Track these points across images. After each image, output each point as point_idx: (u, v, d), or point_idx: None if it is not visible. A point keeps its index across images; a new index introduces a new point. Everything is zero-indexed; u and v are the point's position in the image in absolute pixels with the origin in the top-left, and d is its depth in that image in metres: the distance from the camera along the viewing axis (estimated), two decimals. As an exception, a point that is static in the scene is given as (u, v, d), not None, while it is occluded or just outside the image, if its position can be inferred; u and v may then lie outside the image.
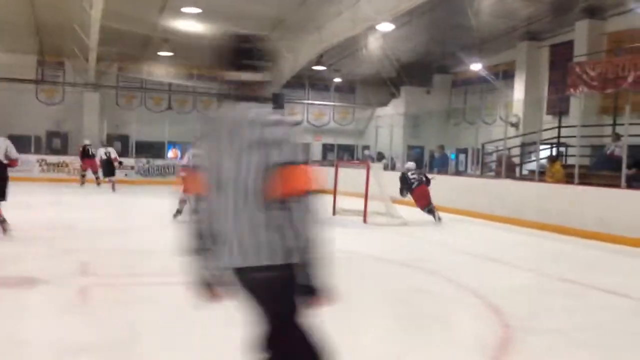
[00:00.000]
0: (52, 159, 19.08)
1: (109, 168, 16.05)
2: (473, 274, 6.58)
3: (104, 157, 16.32)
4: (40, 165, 18.77)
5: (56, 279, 5.22)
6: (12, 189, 14.72)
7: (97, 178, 16.83)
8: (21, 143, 19.72)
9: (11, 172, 16.79)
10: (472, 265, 7.23)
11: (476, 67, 18.32)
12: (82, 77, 21.08)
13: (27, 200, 12.26)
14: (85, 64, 19.85)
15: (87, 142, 17.37)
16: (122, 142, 22.06)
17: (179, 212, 8.97)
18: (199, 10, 14.04)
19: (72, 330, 3.87)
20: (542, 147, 13.49)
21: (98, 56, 18.97)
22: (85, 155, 17.06)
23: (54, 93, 21.59)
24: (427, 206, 11.28)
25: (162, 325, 4.09)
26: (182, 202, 9.14)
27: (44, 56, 21.04)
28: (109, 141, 20.99)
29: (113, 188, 15.54)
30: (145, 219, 10.60)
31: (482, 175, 15.33)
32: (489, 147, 16.88)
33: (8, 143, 7.98)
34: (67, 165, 18.77)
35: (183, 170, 10.43)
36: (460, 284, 5.93)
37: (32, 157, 18.74)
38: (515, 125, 16.26)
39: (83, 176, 17.24)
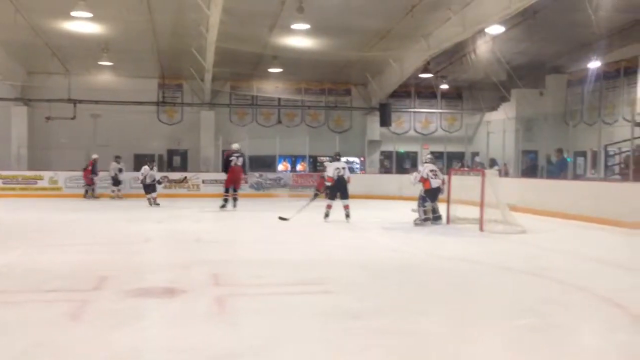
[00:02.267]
0: (174, 175, 20.26)
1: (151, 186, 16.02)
2: (606, 282, 6.24)
3: (117, 172, 18.20)
4: (163, 182, 19.95)
5: (193, 289, 5.55)
6: (140, 204, 15.82)
7: (93, 190, 18.28)
8: (146, 161, 21.25)
9: (139, 189, 18.12)
10: (603, 274, 6.85)
11: (594, 64, 17.38)
12: (199, 97, 22.31)
13: (156, 215, 13.15)
14: (201, 84, 20.99)
15: (95, 156, 18.54)
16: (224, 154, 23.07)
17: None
18: (307, 26, 14.41)
19: (215, 338, 4.10)
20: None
21: (213, 76, 20.00)
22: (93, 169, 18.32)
23: (173, 113, 23.00)
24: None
25: (298, 333, 4.24)
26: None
27: (164, 79, 22.50)
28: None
29: (154, 202, 15.77)
30: (262, 231, 11.02)
31: (605, 178, 14.48)
32: (611, 149, 15.95)
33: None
34: (187, 181, 19.84)
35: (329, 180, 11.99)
36: (593, 293, 5.65)
37: (158, 175, 19.94)
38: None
39: (87, 191, 18.38)
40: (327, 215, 11.92)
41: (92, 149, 20.38)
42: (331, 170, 12.06)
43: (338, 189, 12.04)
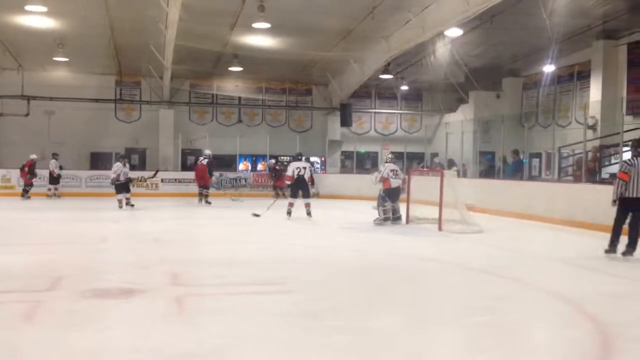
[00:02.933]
0: (132, 174, 19.84)
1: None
2: (561, 280, 6.44)
3: (55, 169, 17.86)
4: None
5: (151, 289, 5.47)
6: (97, 203, 15.52)
7: (27, 192, 17.50)
8: (102, 160, 20.86)
9: (98, 188, 17.89)
10: (558, 272, 7.05)
11: (549, 68, 17.83)
12: (158, 95, 21.95)
13: (113, 215, 12.91)
14: (160, 82, 20.67)
15: (33, 156, 17.85)
16: (195, 157, 22.82)
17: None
18: (268, 25, 14.34)
19: (175, 339, 4.05)
20: (624, 149, 12.99)
21: (172, 74, 19.72)
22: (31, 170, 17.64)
23: (131, 111, 22.56)
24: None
25: (258, 333, 4.23)
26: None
27: (121, 76, 22.06)
28: (184, 156, 21.84)
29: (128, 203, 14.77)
30: (222, 230, 10.95)
31: (559, 179, 14.89)
32: (565, 151, 16.40)
33: None
34: (145, 181, 19.51)
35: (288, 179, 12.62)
36: (548, 290, 5.81)
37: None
38: (592, 127, 15.72)
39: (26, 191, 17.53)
40: (289, 212, 12.28)
41: (47, 146, 19.85)
42: (291, 169, 12.52)
43: (299, 188, 12.45)
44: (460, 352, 4.00)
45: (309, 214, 12.17)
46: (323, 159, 23.47)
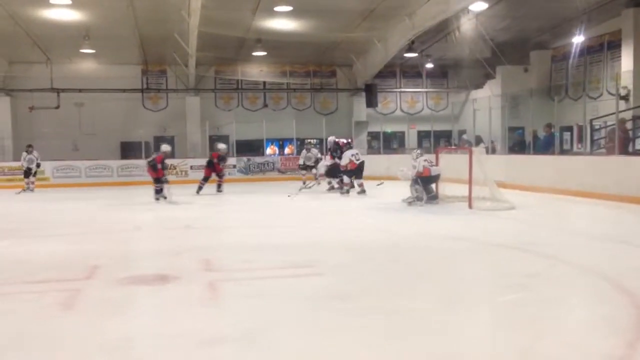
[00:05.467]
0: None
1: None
2: (594, 256, 6.34)
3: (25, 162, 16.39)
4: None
5: (185, 275, 5.56)
6: (129, 192, 15.80)
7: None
8: (132, 149, 21.17)
9: (129, 177, 18.12)
10: (591, 247, 6.95)
11: (577, 39, 17.41)
12: (183, 82, 22.13)
13: (145, 202, 13.12)
14: (185, 69, 20.82)
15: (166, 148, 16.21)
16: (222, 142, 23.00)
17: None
18: (290, 8, 14.31)
19: (207, 323, 4.13)
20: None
21: (196, 62, 19.84)
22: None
23: (158, 100, 22.81)
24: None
25: (288, 316, 4.28)
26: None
27: (147, 66, 22.28)
28: (211, 142, 21.96)
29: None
30: (251, 215, 11.05)
31: (591, 152, 14.61)
32: (596, 123, 16.07)
33: None
34: (174, 168, 19.75)
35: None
36: (581, 266, 5.74)
37: (143, 162, 19.86)
38: (625, 97, 15.34)
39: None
40: (347, 191, 13.48)
41: (78, 137, 20.24)
42: (347, 158, 13.40)
43: (358, 171, 13.45)
44: (495, 330, 3.98)
45: (364, 191, 13.29)
46: (350, 140, 23.38)
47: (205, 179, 15.19)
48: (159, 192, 12.92)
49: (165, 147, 13.69)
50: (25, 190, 16.51)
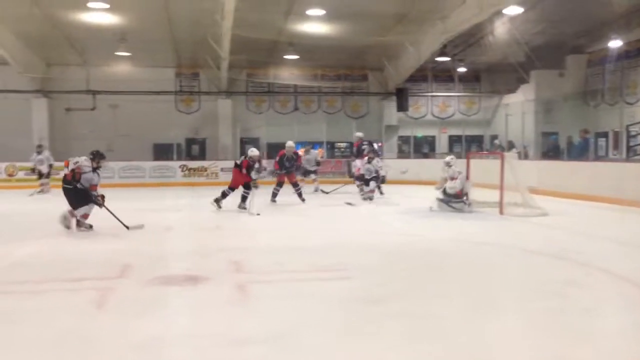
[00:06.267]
0: (193, 164, 20.39)
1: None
2: (627, 263, 6.21)
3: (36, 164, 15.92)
4: (182, 171, 20.13)
5: (214, 276, 5.61)
6: (160, 193, 15.97)
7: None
8: (164, 150, 21.48)
9: (161, 178, 18.16)
10: (626, 255, 6.82)
11: (615, 43, 17.06)
12: (216, 85, 22.36)
13: (176, 204, 13.27)
14: (218, 72, 21.03)
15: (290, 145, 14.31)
16: (253, 145, 23.16)
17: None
18: (323, 12, 14.34)
19: (237, 324, 4.16)
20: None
21: (229, 65, 20.02)
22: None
23: (191, 102, 23.09)
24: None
25: (318, 318, 4.29)
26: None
27: (181, 68, 22.59)
28: (242, 145, 22.16)
29: None
30: (279, 218, 11.07)
31: (628, 159, 14.30)
32: (633, 129, 15.73)
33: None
34: (205, 170, 19.97)
35: None
36: (615, 274, 5.62)
37: (175, 164, 20.20)
38: (663, 103, 14.99)
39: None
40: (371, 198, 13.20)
41: (114, 139, 20.61)
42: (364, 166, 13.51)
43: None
44: (525, 337, 3.93)
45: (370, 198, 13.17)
46: (380, 144, 23.34)
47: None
48: (244, 199, 11.61)
49: (252, 152, 11.83)
50: (39, 191, 15.74)
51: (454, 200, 10.86)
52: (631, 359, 3.43)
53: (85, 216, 8.88)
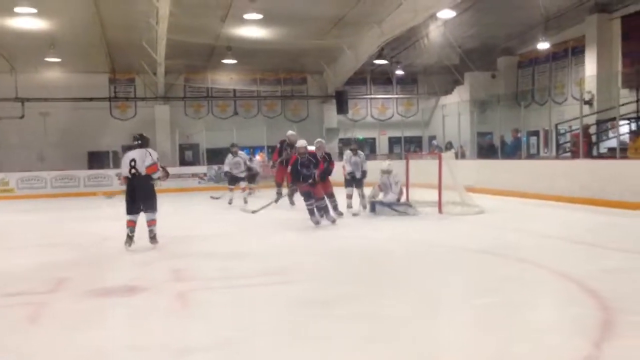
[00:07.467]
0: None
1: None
2: (562, 258, 6.45)
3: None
4: (119, 179, 19.54)
5: (155, 286, 5.48)
6: (96, 202, 15.49)
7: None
8: (100, 159, 20.85)
9: (97, 187, 17.60)
10: (560, 250, 7.07)
11: (543, 45, 17.76)
12: (152, 91, 21.89)
13: (111, 213, 12.88)
14: (154, 78, 20.60)
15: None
16: (192, 151, 22.84)
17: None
18: (260, 16, 14.28)
19: (180, 333, 4.07)
20: (621, 122, 12.97)
21: (165, 70, 19.65)
22: None
23: (126, 109, 22.50)
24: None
25: (264, 324, 4.25)
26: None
27: (115, 74, 21.97)
28: (181, 151, 21.80)
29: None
30: (226, 224, 10.94)
31: (557, 156, 14.88)
32: (562, 128, 16.38)
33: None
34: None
35: None
36: (550, 269, 5.83)
37: (111, 172, 19.61)
38: (589, 102, 15.68)
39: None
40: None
41: (44, 147, 19.84)
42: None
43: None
44: (471, 333, 4.02)
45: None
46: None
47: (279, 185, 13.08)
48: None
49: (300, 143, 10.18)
50: None
51: (395, 203, 10.91)
52: (569, 352, 3.55)
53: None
